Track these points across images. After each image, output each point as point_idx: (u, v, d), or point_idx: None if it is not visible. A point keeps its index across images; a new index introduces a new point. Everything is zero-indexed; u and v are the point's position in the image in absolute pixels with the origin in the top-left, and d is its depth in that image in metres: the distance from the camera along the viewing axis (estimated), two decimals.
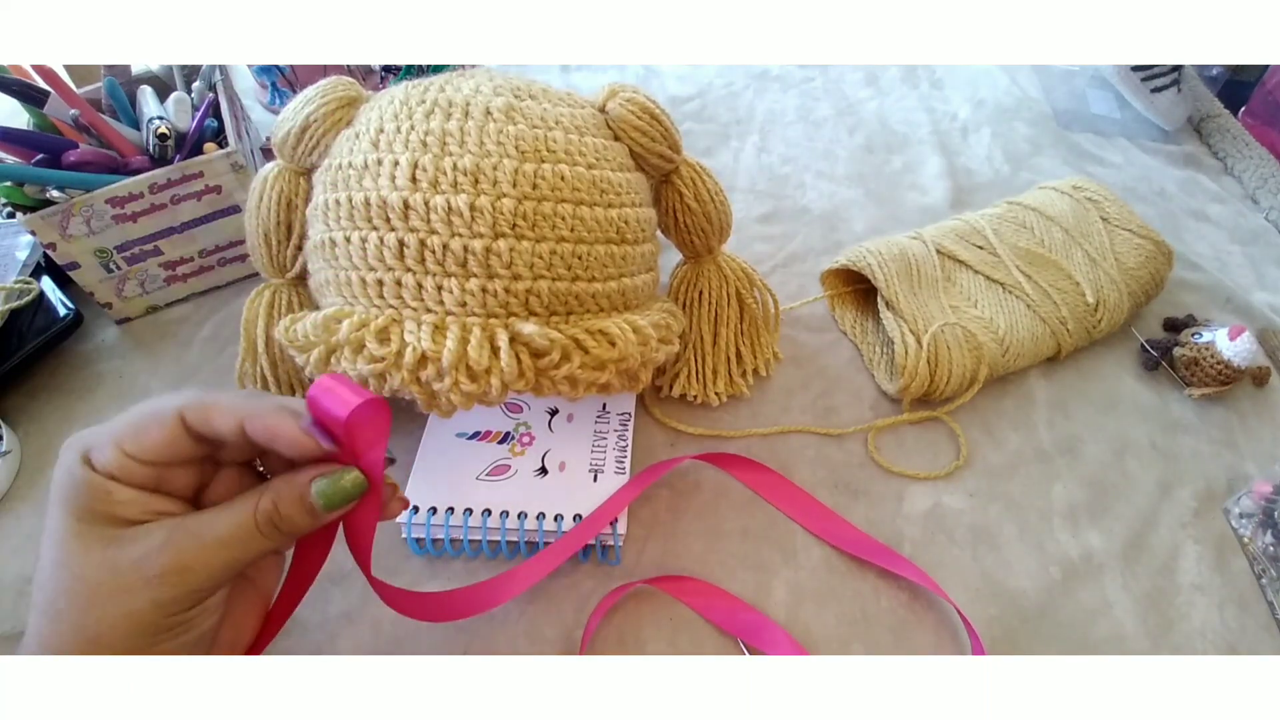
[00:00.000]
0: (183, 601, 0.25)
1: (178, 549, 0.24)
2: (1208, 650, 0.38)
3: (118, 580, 0.24)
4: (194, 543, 0.25)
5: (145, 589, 0.24)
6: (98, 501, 0.24)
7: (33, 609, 0.25)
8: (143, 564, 0.24)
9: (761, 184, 0.63)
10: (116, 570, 0.24)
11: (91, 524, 0.24)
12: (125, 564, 0.24)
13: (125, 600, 0.24)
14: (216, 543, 0.25)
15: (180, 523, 0.25)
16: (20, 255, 0.51)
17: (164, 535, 0.25)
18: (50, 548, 0.25)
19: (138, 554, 0.24)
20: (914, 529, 0.42)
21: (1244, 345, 0.46)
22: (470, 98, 0.35)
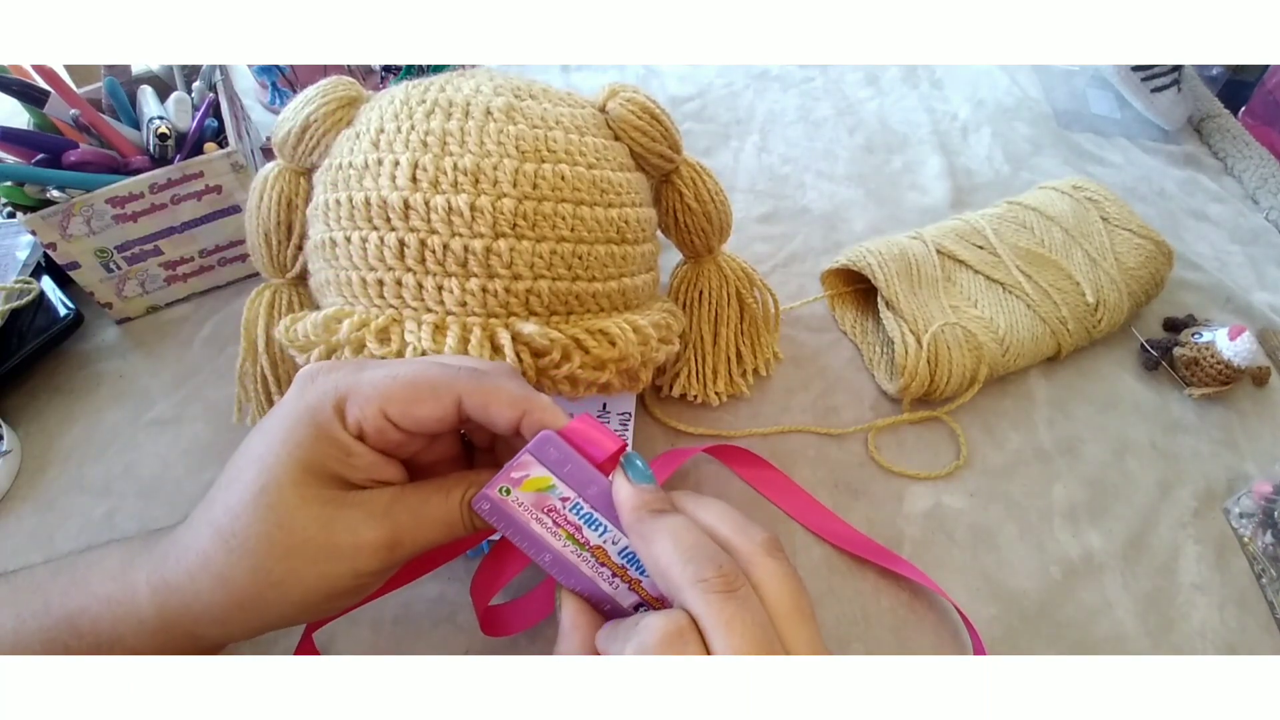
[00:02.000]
0: (381, 574, 0.24)
1: (395, 524, 0.24)
2: (1208, 650, 0.38)
3: (328, 541, 0.23)
4: (410, 520, 0.24)
5: (353, 557, 0.23)
6: (333, 459, 0.24)
7: (208, 524, 0.24)
8: (358, 532, 0.23)
9: (761, 184, 0.63)
10: (330, 531, 0.23)
11: (316, 478, 0.24)
12: (341, 528, 0.23)
13: (328, 563, 0.23)
14: (430, 523, 0.24)
15: (400, 496, 0.25)
16: (20, 255, 0.51)
17: (384, 507, 0.24)
18: (261, 479, 0.23)
19: (356, 521, 0.23)
20: (914, 529, 0.42)
21: (1244, 345, 0.46)
22: (470, 98, 0.35)
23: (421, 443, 0.26)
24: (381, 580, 0.26)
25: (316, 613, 0.25)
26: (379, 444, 0.24)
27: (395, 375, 0.24)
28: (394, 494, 0.25)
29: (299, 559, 0.23)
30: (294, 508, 0.23)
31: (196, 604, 0.24)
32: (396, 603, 0.38)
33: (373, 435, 0.24)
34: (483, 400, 0.24)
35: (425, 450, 0.27)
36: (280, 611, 0.24)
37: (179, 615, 0.24)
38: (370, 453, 0.24)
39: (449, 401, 0.24)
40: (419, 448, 0.26)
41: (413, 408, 0.24)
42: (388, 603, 0.38)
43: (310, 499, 0.23)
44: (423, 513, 0.24)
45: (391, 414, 0.24)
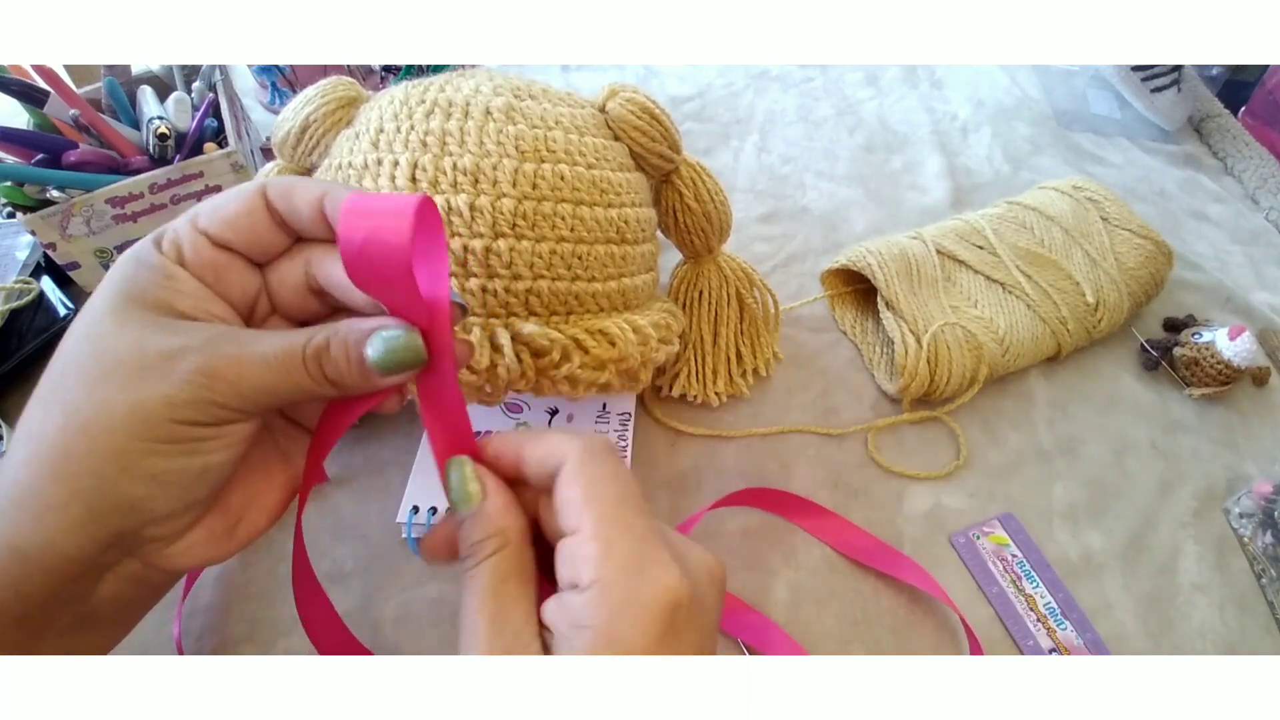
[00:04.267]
0: (199, 410, 0.21)
1: (215, 350, 0.22)
2: (1208, 650, 0.38)
3: (139, 362, 0.21)
4: (234, 349, 0.22)
5: (163, 381, 0.21)
6: (154, 285, 0.22)
7: (32, 397, 0.22)
8: (174, 355, 0.21)
9: (761, 184, 0.63)
10: (142, 352, 0.21)
11: (138, 306, 0.22)
12: (154, 349, 0.21)
13: (137, 386, 0.21)
14: (258, 359, 0.22)
15: (227, 328, 0.23)
16: (20, 255, 0.51)
17: (207, 334, 0.22)
18: (80, 324, 0.22)
19: (172, 344, 0.21)
20: (914, 529, 0.42)
21: (1244, 345, 0.46)
22: (470, 98, 0.35)
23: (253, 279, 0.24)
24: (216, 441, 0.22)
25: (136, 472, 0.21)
26: (201, 259, 0.23)
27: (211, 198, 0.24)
28: (223, 328, 0.23)
29: (107, 385, 0.21)
30: (110, 332, 0.22)
31: (11, 494, 0.21)
32: (396, 603, 0.38)
33: (190, 250, 0.23)
34: (286, 190, 0.23)
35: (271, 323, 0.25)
36: (93, 473, 0.21)
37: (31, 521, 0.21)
38: (191, 280, 0.23)
39: (253, 197, 0.23)
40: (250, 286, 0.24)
41: (219, 210, 0.23)
42: (388, 603, 0.38)
43: (128, 323, 0.22)
44: (251, 347, 0.22)
45: (201, 223, 0.23)
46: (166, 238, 0.23)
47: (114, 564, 0.23)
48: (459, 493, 0.23)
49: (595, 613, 0.21)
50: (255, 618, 0.38)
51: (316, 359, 0.22)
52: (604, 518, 0.22)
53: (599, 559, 0.21)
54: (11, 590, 0.21)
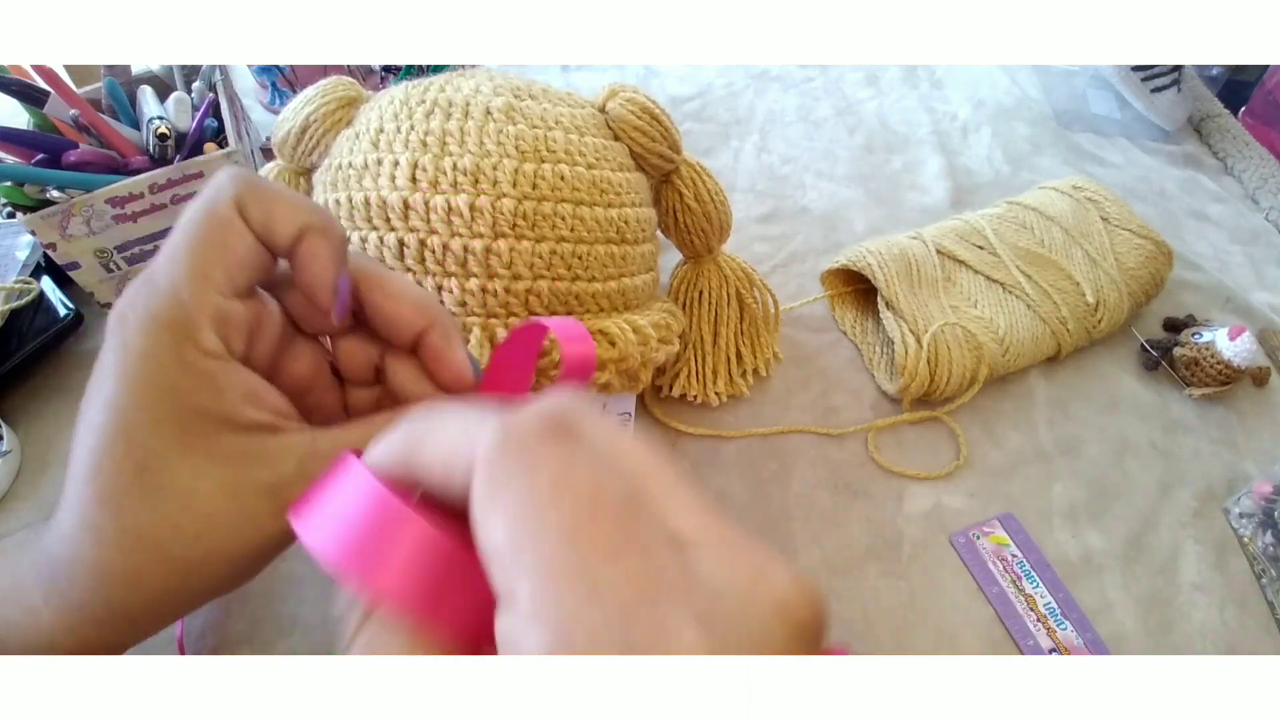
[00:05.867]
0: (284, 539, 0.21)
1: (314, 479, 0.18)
2: (1208, 650, 0.38)
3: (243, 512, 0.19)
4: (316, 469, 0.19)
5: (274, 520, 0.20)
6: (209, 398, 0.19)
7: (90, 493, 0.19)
8: (279, 495, 0.20)
9: (761, 184, 0.63)
10: (242, 498, 0.19)
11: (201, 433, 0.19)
12: (254, 490, 0.19)
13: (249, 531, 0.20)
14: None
15: (311, 448, 0.20)
16: (20, 255, 0.51)
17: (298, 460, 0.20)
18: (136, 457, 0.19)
19: (272, 480, 0.20)
20: (914, 529, 0.42)
21: (1244, 345, 0.46)
22: (470, 98, 0.35)
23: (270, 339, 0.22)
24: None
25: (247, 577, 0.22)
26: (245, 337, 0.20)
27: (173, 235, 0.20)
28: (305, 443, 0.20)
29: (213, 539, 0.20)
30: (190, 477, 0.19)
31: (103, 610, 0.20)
32: None
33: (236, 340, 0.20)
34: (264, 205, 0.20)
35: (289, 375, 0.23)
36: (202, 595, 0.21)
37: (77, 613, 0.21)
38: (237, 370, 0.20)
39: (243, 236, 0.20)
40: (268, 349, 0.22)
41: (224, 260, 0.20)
42: None
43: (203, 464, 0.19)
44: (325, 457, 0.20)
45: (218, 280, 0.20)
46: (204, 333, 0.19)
47: None
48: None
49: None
50: (255, 617, 0.38)
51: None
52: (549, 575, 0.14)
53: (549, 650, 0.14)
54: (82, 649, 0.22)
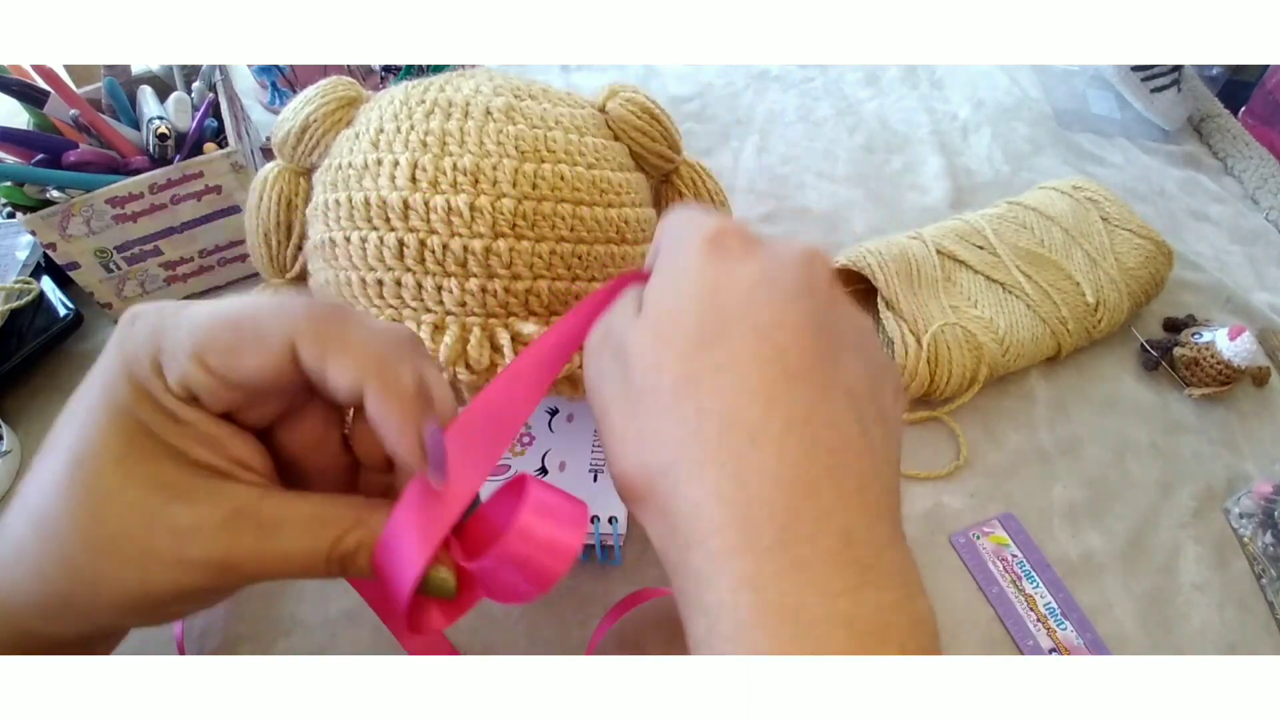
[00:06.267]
0: (204, 596, 0.20)
1: (236, 541, 0.19)
2: (1208, 650, 0.38)
3: (146, 543, 0.19)
4: (256, 543, 0.19)
5: (174, 568, 0.19)
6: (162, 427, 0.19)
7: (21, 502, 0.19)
8: (182, 539, 0.19)
9: (761, 184, 0.63)
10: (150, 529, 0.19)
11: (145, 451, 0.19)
12: (163, 528, 0.19)
13: (144, 570, 0.19)
14: (278, 555, 0.20)
15: (252, 505, 0.20)
16: (20, 255, 0.51)
17: (227, 512, 0.19)
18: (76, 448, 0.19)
19: (184, 523, 0.19)
20: (914, 529, 0.42)
21: (1244, 345, 0.46)
22: (470, 98, 0.35)
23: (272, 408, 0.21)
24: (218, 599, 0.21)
25: (143, 620, 0.21)
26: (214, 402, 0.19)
27: (216, 313, 0.19)
28: (245, 498, 0.19)
29: (111, 559, 0.19)
30: (112, 490, 0.19)
31: (15, 597, 0.20)
32: None
33: (203, 395, 0.19)
34: (322, 349, 0.19)
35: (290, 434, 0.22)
36: (101, 615, 0.20)
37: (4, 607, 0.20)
38: (208, 419, 0.19)
39: (280, 347, 0.19)
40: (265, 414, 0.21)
41: (234, 356, 0.19)
42: None
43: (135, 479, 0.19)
44: (273, 541, 0.19)
45: (211, 363, 0.19)
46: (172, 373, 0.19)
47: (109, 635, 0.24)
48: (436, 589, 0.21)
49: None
50: (255, 618, 0.38)
51: (341, 563, 0.20)
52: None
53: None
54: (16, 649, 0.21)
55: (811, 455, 0.18)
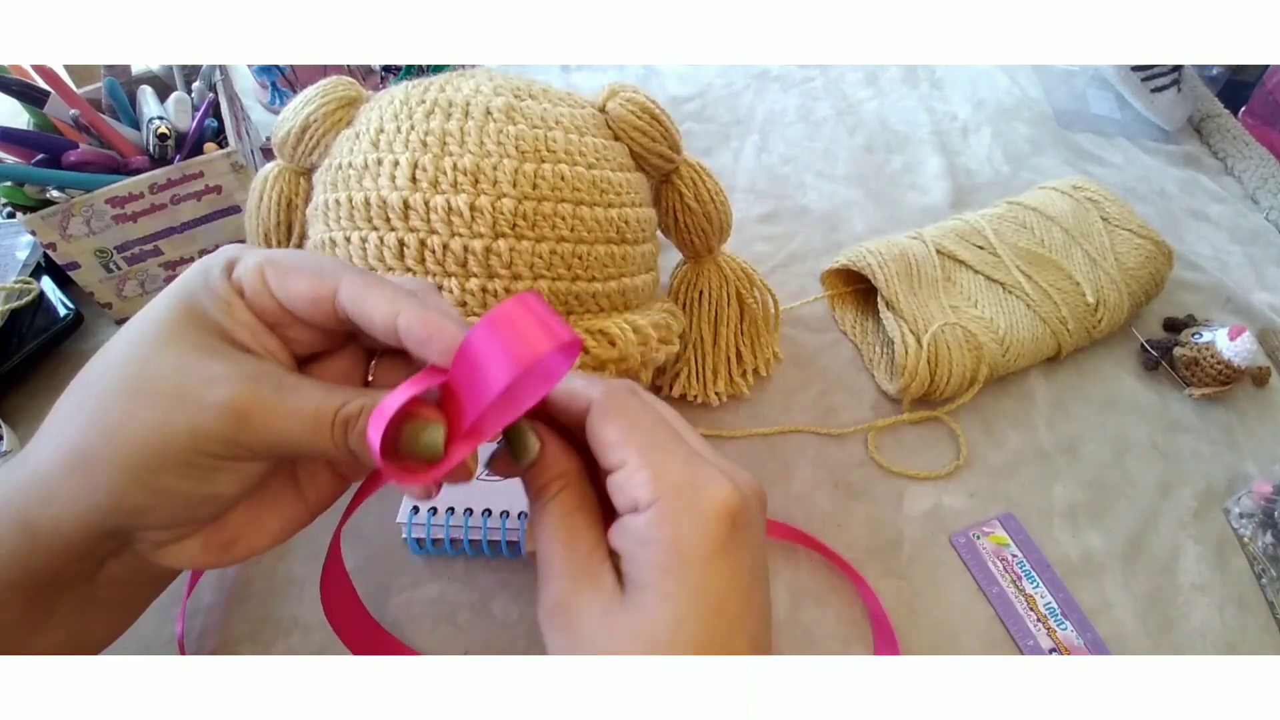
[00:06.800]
0: (221, 446, 0.22)
1: (253, 391, 0.22)
2: (1208, 650, 0.38)
3: (176, 386, 0.21)
4: (271, 396, 0.22)
5: (194, 411, 0.21)
6: (214, 309, 0.22)
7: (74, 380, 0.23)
8: (211, 384, 0.21)
9: (761, 184, 0.63)
10: (181, 376, 0.21)
11: (194, 326, 0.22)
12: (194, 376, 0.21)
13: (169, 408, 0.21)
14: (290, 412, 0.22)
15: (274, 371, 0.23)
16: (20, 255, 0.51)
17: (251, 370, 0.22)
18: (135, 327, 0.22)
19: (214, 372, 0.22)
20: (914, 529, 0.42)
21: (1244, 345, 0.46)
22: (470, 98, 0.35)
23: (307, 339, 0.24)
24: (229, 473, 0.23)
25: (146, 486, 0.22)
26: (258, 309, 0.23)
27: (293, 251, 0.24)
28: (269, 366, 0.23)
29: (140, 400, 0.21)
30: (158, 347, 0.22)
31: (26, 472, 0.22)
32: (396, 603, 0.38)
33: (250, 293, 0.23)
34: (361, 290, 0.22)
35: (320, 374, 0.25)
36: (105, 474, 0.22)
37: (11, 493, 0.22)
38: (250, 314, 0.23)
39: (327, 285, 0.23)
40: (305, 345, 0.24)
41: (290, 276, 0.23)
42: (388, 603, 0.38)
43: (179, 340, 0.22)
44: (288, 398, 0.22)
45: (269, 277, 0.23)
46: (236, 270, 0.23)
47: (112, 554, 0.24)
48: (518, 447, 0.24)
49: (659, 529, 0.22)
50: (255, 617, 0.38)
51: (344, 427, 0.22)
52: (646, 446, 0.23)
53: (652, 482, 0.22)
54: (20, 565, 0.22)
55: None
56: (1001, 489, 0.44)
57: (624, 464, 0.23)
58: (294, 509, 0.26)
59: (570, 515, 0.24)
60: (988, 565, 0.40)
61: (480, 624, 0.38)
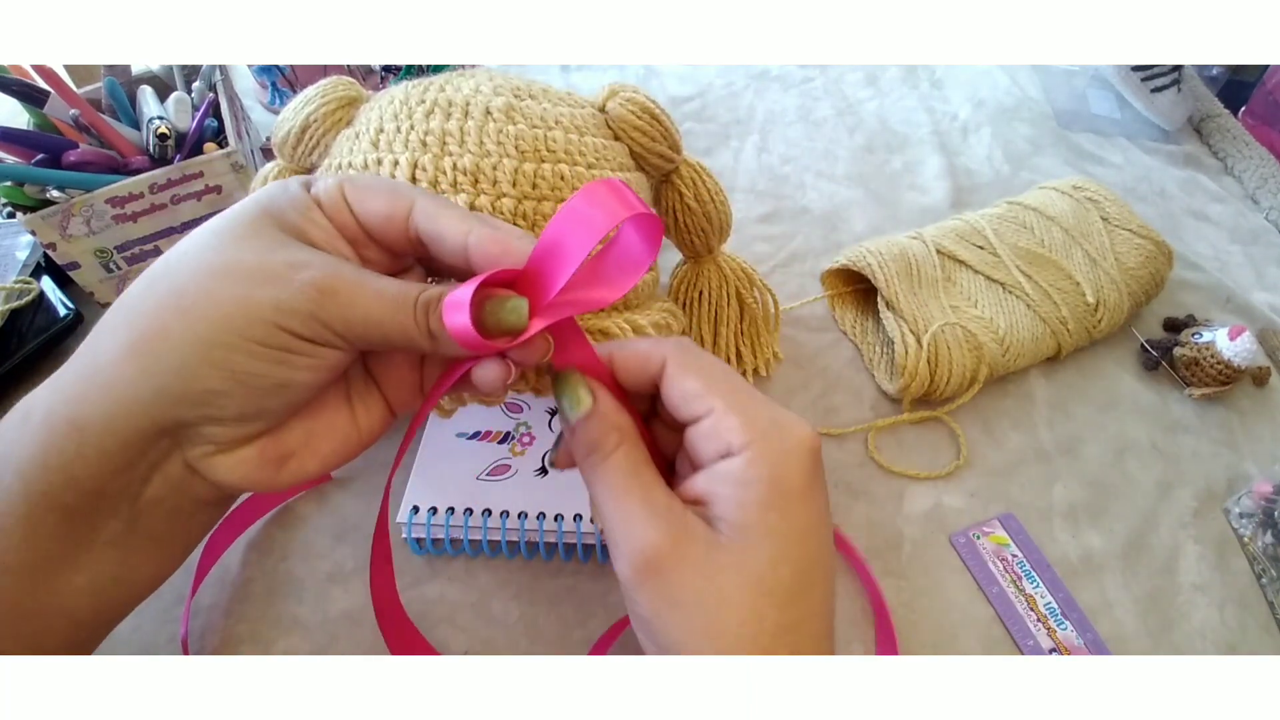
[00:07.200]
0: (303, 323, 0.22)
1: (336, 274, 0.22)
2: (1208, 650, 0.38)
3: (259, 266, 0.22)
4: (353, 278, 0.22)
5: (279, 286, 0.21)
6: (293, 211, 0.23)
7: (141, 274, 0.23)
8: (295, 266, 0.22)
9: (761, 184, 0.63)
10: (265, 258, 0.22)
11: (273, 225, 0.23)
12: (278, 258, 0.22)
13: (252, 285, 0.21)
14: (373, 291, 0.22)
15: (353, 264, 0.23)
16: (20, 255, 0.51)
17: (330, 259, 0.23)
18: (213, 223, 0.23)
19: (298, 256, 0.22)
20: (914, 529, 0.42)
21: (1244, 345, 0.46)
22: (470, 98, 0.35)
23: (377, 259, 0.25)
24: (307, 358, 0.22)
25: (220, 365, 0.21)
26: (336, 222, 0.24)
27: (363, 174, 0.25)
28: (346, 260, 0.24)
29: (220, 279, 0.21)
30: (240, 236, 0.22)
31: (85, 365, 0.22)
32: None
33: (327, 207, 0.24)
34: (435, 209, 0.24)
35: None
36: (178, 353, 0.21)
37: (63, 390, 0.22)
38: (328, 221, 0.24)
39: (403, 203, 0.24)
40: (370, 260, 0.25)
41: (369, 195, 0.24)
42: None
43: (260, 233, 0.22)
44: (369, 282, 0.23)
45: (348, 194, 0.24)
46: (315, 185, 0.24)
47: (162, 460, 0.23)
48: (570, 398, 0.24)
49: (759, 468, 0.23)
50: (255, 618, 0.38)
51: (425, 309, 0.23)
52: (728, 393, 0.24)
53: (744, 426, 0.23)
54: (64, 472, 0.22)
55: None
56: (1001, 489, 0.44)
57: (710, 411, 0.24)
58: (347, 431, 0.26)
59: (638, 469, 0.24)
60: (988, 565, 0.40)
61: (480, 624, 0.38)
